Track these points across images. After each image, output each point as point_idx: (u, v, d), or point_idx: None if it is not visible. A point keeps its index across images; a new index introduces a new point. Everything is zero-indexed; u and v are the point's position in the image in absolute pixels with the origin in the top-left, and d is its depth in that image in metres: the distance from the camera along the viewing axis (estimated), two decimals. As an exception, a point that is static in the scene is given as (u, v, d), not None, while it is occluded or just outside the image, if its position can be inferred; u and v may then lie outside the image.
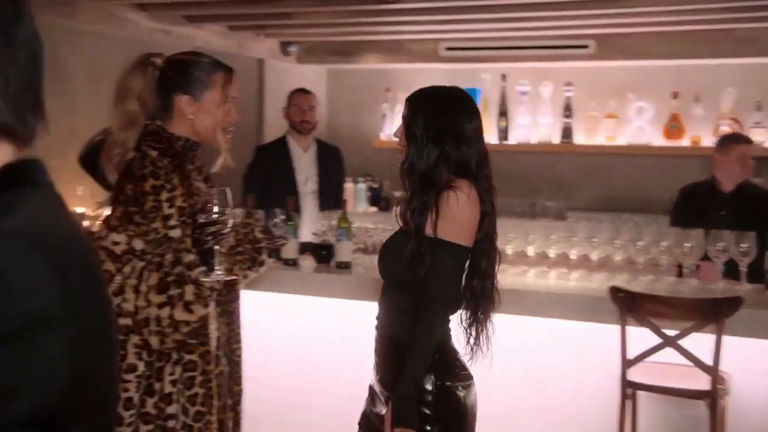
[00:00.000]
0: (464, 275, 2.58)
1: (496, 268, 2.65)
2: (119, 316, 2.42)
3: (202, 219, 2.37)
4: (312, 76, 6.62)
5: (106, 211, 2.59)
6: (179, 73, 2.62)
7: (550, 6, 4.85)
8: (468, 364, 2.67)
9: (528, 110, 6.17)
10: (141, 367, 2.45)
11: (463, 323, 2.66)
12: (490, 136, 6.10)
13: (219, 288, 2.52)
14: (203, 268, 2.42)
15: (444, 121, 2.60)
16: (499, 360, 3.74)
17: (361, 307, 3.52)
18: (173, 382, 2.48)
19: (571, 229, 4.08)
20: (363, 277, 3.87)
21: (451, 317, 2.65)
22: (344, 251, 4.03)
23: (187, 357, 2.50)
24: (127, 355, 2.44)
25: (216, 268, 2.42)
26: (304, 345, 4.13)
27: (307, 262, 4.17)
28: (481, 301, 2.62)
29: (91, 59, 5.05)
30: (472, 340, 2.66)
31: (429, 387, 2.54)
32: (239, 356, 2.85)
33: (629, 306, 3.39)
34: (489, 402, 3.74)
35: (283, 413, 4.13)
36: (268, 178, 5.07)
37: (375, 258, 3.98)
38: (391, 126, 6.26)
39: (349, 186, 5.96)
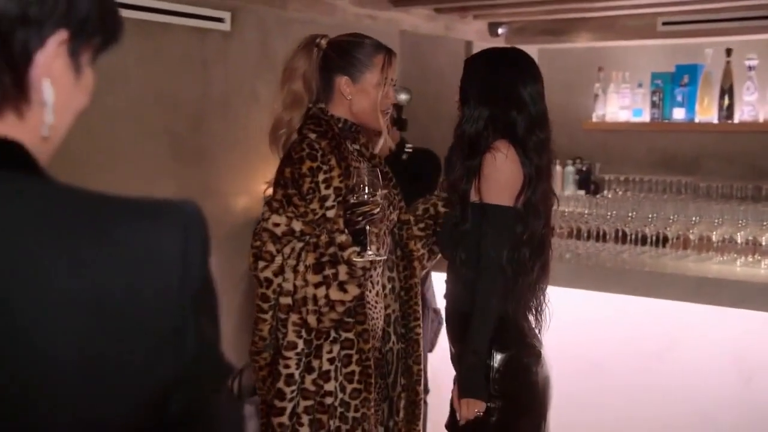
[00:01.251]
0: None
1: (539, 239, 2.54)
2: (280, 296, 2.49)
3: (352, 199, 2.38)
4: (522, 56, 6.46)
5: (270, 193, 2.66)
6: (340, 54, 2.65)
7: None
8: (539, 338, 2.60)
9: (756, 86, 5.69)
10: (300, 344, 2.51)
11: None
12: (712, 116, 5.71)
13: (371, 269, 2.52)
14: (356, 249, 2.43)
15: (496, 84, 2.53)
16: (701, 353, 3.52)
17: (563, 294, 3.42)
18: (331, 360, 2.52)
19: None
20: (573, 264, 3.79)
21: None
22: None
23: (344, 335, 2.53)
24: (287, 333, 2.50)
25: (369, 248, 2.42)
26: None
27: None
28: (516, 271, 2.49)
29: (300, 47, 5.22)
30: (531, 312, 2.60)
31: (494, 363, 2.46)
32: (418, 334, 2.80)
33: None
34: (690, 395, 3.53)
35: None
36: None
37: (590, 245, 3.91)
38: (603, 107, 6.01)
39: (557, 169, 5.77)
